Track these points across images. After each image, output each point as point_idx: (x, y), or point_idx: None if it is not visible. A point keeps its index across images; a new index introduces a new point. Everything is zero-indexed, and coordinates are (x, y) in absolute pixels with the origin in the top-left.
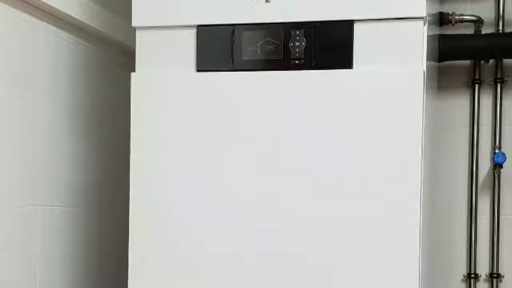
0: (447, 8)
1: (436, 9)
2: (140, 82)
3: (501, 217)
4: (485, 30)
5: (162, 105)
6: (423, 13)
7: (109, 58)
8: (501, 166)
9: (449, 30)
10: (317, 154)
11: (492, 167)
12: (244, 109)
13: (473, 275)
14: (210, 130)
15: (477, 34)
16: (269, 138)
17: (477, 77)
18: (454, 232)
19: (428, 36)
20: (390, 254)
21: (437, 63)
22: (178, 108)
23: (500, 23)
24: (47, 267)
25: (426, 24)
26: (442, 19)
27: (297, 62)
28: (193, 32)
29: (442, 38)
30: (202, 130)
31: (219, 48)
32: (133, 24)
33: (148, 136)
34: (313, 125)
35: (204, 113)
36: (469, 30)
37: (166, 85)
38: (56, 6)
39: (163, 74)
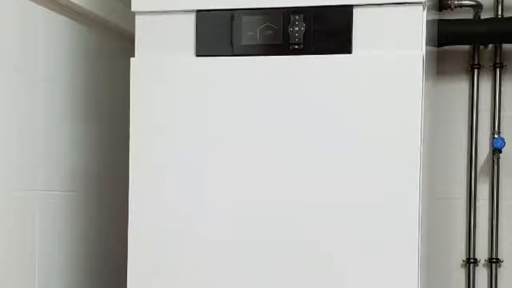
0: None
1: None
2: (139, 67)
3: (500, 202)
4: (484, 15)
5: (162, 90)
6: None
7: (109, 43)
8: (500, 151)
9: (448, 15)
10: (316, 139)
11: (491, 152)
12: (243, 94)
13: (472, 260)
14: (209, 115)
15: (476, 19)
16: (269, 123)
17: (476, 62)
18: (453, 217)
19: (427, 21)
20: (389, 238)
21: (436, 48)
22: (177, 93)
23: (499, 8)
24: (46, 252)
25: (425, 9)
26: (441, 4)
27: (296, 47)
28: (192, 17)
29: (441, 23)
30: (202, 115)
31: (219, 33)
32: (133, 8)
33: (148, 121)
34: (312, 110)
35: (203, 98)
36: (468, 15)
37: (165, 70)
38: None
39: (163, 59)
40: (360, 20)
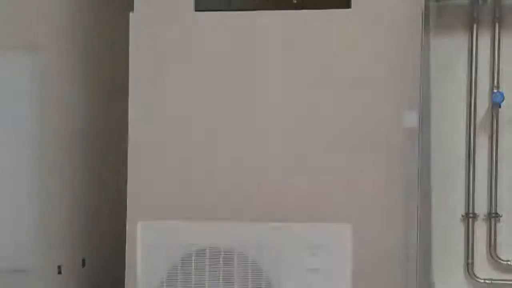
0: None
1: None
2: (138, 22)
3: (499, 157)
4: None
5: (161, 44)
6: None
7: None
8: (499, 105)
9: None
10: (315, 93)
11: (490, 106)
12: (242, 48)
13: (471, 215)
14: (208, 68)
15: None
16: (268, 76)
17: (475, 16)
18: (452, 172)
19: None
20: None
21: (436, 2)
22: (176, 47)
23: None
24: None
25: None
26: None
27: (295, 1)
28: None
29: None
30: (201, 69)
31: None
32: None
33: (147, 75)
34: (311, 64)
35: (202, 52)
36: None
37: (164, 24)
38: None
39: (162, 14)
40: None
